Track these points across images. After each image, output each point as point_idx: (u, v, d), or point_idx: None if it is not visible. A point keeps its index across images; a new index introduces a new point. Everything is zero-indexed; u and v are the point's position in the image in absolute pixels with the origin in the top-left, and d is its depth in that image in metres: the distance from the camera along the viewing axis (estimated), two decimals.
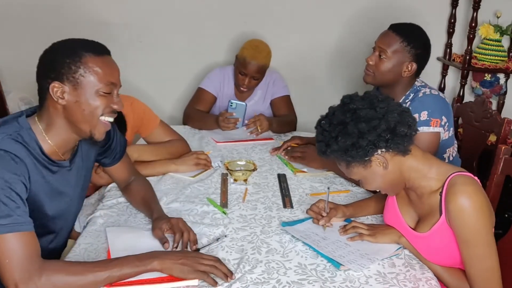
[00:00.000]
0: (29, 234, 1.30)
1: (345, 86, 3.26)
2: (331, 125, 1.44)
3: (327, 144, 1.45)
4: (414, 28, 2.05)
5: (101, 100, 1.41)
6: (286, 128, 2.71)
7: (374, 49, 2.05)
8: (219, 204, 1.84)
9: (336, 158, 1.49)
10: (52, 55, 1.44)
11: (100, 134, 1.46)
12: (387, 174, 1.47)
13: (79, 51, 1.40)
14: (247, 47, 2.66)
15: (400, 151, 1.44)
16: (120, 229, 1.63)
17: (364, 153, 1.42)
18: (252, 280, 1.38)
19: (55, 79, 1.39)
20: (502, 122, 2.15)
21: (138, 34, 3.11)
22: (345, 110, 1.44)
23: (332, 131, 1.43)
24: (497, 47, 3.04)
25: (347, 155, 1.43)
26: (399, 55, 1.99)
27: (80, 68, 1.38)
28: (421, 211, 1.54)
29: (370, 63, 2.03)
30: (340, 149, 1.42)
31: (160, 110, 3.24)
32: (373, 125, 1.40)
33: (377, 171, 1.46)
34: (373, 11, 3.10)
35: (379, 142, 1.41)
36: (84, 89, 1.39)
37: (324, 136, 1.46)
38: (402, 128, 1.42)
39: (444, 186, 1.44)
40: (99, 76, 1.40)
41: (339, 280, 1.40)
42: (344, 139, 1.41)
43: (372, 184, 1.52)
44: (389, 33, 2.02)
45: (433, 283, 1.42)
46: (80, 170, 1.59)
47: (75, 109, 1.40)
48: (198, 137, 2.57)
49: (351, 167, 1.48)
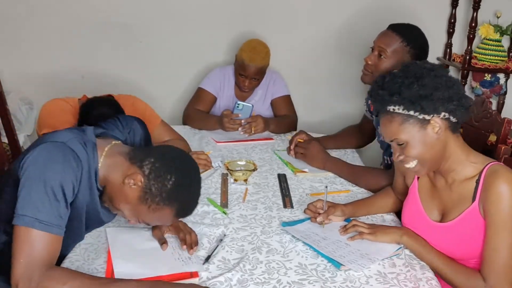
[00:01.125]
0: (57, 238, 1.29)
1: (345, 86, 3.26)
2: (405, 75, 1.44)
3: (395, 91, 1.43)
4: (413, 28, 2.06)
5: None
6: (286, 128, 2.70)
7: (372, 49, 2.05)
8: (219, 204, 1.84)
9: (390, 114, 1.45)
10: None
11: None
12: (435, 145, 1.46)
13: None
14: (245, 49, 2.66)
15: (455, 125, 1.46)
16: (120, 230, 1.63)
17: (434, 108, 1.41)
18: (252, 280, 1.38)
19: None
20: (502, 122, 2.15)
21: (138, 34, 3.11)
22: (422, 66, 1.46)
23: (406, 79, 1.43)
24: (497, 47, 3.04)
25: (416, 105, 1.41)
26: (398, 55, 1.99)
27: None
28: (448, 200, 1.53)
29: (369, 62, 2.03)
30: (411, 97, 1.41)
31: (160, 110, 3.23)
32: (449, 84, 1.42)
33: (429, 136, 1.45)
34: (373, 11, 3.10)
35: (448, 104, 1.42)
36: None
37: (394, 83, 1.44)
38: (467, 100, 1.45)
39: (482, 174, 1.45)
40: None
41: (340, 280, 1.40)
42: (418, 88, 1.41)
43: (416, 150, 1.46)
44: (388, 32, 2.02)
45: (433, 283, 1.41)
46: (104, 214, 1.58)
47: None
48: (198, 137, 2.57)
49: (406, 124, 1.44)
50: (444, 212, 1.55)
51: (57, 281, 1.24)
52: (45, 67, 3.05)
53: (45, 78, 3.07)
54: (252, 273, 1.42)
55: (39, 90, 3.06)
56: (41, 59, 3.05)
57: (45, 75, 3.07)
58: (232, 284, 1.37)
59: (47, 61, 3.03)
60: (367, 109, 2.37)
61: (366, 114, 2.41)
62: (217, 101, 2.82)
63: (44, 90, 2.97)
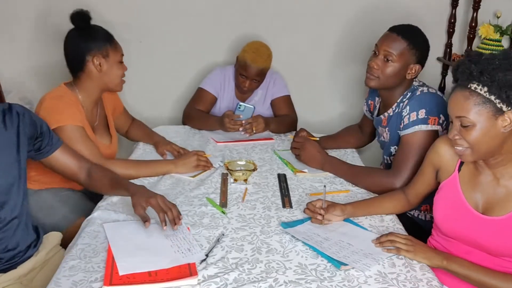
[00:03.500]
0: None
1: (345, 86, 3.26)
2: (504, 58, 1.40)
3: (486, 70, 1.39)
4: (417, 30, 2.04)
5: None
6: (286, 128, 2.71)
7: (376, 52, 2.01)
8: (219, 204, 1.84)
9: (468, 90, 1.42)
10: None
11: None
12: (497, 138, 1.43)
13: None
14: (247, 50, 2.65)
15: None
16: (117, 225, 1.64)
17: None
18: (249, 280, 1.38)
19: None
20: None
21: (138, 34, 3.11)
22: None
23: (503, 63, 1.39)
24: (497, 47, 3.03)
25: (501, 92, 1.38)
26: (405, 58, 1.97)
27: None
28: (494, 194, 1.51)
29: (375, 67, 1.99)
30: (501, 82, 1.37)
31: (160, 110, 3.25)
32: None
33: (495, 128, 1.42)
34: (373, 11, 3.09)
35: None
36: None
37: (491, 62, 1.40)
38: None
39: None
40: None
41: (338, 279, 1.40)
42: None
43: (476, 135, 1.43)
44: (393, 36, 1.98)
45: (434, 283, 1.41)
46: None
47: None
48: (198, 137, 2.57)
49: (481, 106, 1.41)
50: (489, 206, 1.52)
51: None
52: (45, 67, 3.05)
53: (45, 78, 3.06)
54: (250, 272, 1.42)
55: (39, 90, 3.06)
56: (41, 59, 3.05)
57: (45, 75, 3.07)
58: (228, 283, 1.36)
59: (48, 61, 3.03)
60: (367, 109, 2.37)
61: (366, 114, 2.40)
62: (217, 102, 2.82)
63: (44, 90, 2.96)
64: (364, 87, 2.23)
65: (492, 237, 1.49)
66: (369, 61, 2.03)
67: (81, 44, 2.01)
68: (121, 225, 1.64)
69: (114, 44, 2.08)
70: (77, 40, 2.02)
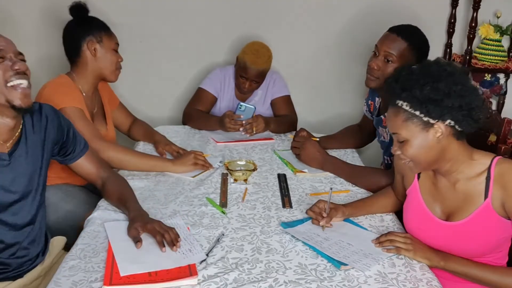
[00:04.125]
0: None
1: (345, 86, 3.26)
2: (422, 72, 1.43)
3: (406, 87, 1.42)
4: (416, 30, 2.04)
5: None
6: (286, 128, 2.70)
7: (376, 53, 2.01)
8: (219, 204, 1.84)
9: (397, 108, 1.45)
10: None
11: (21, 100, 1.45)
12: (433, 148, 1.45)
13: None
14: (247, 52, 2.65)
15: (460, 133, 1.44)
16: (118, 224, 1.64)
17: (439, 114, 1.40)
18: (249, 280, 1.38)
19: None
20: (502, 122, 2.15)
21: (138, 34, 3.11)
22: (443, 69, 1.43)
23: (421, 78, 1.41)
24: (497, 47, 3.03)
25: (422, 107, 1.40)
26: (405, 58, 1.96)
27: None
28: (452, 199, 1.52)
29: (375, 68, 1.99)
30: (421, 97, 1.40)
31: (160, 110, 3.25)
32: (463, 93, 1.39)
33: (429, 139, 1.44)
34: (373, 11, 3.09)
35: (456, 113, 1.40)
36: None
37: (409, 79, 1.43)
38: (479, 113, 1.42)
39: (491, 170, 1.45)
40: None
41: (338, 279, 1.40)
42: (430, 90, 1.39)
43: (413, 150, 1.46)
44: (393, 36, 1.98)
45: (433, 283, 1.41)
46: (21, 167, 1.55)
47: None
48: (198, 137, 2.57)
49: (409, 122, 1.44)
50: (450, 212, 1.54)
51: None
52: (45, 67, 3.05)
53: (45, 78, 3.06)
54: (250, 272, 1.42)
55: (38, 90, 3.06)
56: (41, 59, 3.05)
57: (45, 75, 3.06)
58: (228, 283, 1.36)
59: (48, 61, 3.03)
60: (367, 109, 2.37)
61: (366, 114, 2.40)
62: (217, 102, 2.82)
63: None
64: (364, 87, 2.23)
65: (457, 243, 1.51)
66: (369, 61, 2.03)
67: (77, 31, 2.15)
68: (121, 225, 1.63)
69: (108, 32, 2.20)
70: (74, 28, 2.17)
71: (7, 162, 1.50)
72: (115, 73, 2.21)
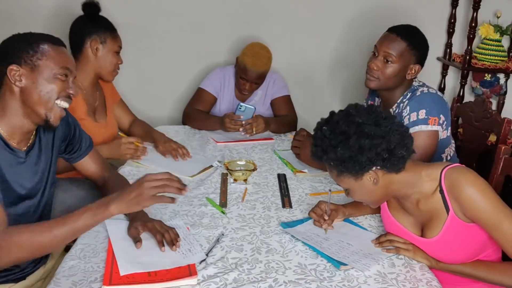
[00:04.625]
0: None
1: (344, 86, 3.26)
2: (332, 133, 1.43)
3: (324, 150, 1.45)
4: (416, 30, 2.04)
5: (57, 84, 1.48)
6: (286, 128, 2.71)
7: (376, 53, 2.00)
8: (218, 204, 1.84)
9: (328, 165, 1.49)
10: (11, 42, 1.50)
11: (55, 119, 1.51)
12: (376, 190, 1.47)
13: (37, 39, 1.49)
14: (247, 53, 2.65)
15: (394, 170, 1.45)
16: (119, 223, 1.64)
17: (360, 168, 1.42)
18: (249, 280, 1.38)
19: (13, 63, 1.44)
20: (502, 122, 2.15)
21: (138, 34, 3.11)
22: (350, 122, 1.43)
23: (332, 140, 1.43)
24: (497, 47, 3.04)
25: (342, 166, 1.43)
26: (404, 59, 1.96)
27: (37, 53, 1.45)
28: (422, 217, 1.53)
29: (375, 68, 1.98)
30: (337, 159, 1.42)
31: (160, 110, 3.25)
32: (374, 143, 1.40)
33: (367, 185, 1.47)
34: (373, 11, 3.10)
35: (376, 160, 1.41)
36: (41, 72, 1.46)
37: (323, 142, 1.45)
38: (401, 151, 1.42)
39: (442, 184, 1.45)
40: (55, 60, 1.47)
41: (337, 279, 1.40)
42: (343, 151, 1.41)
43: (358, 195, 1.52)
44: (392, 36, 1.97)
45: (433, 283, 1.41)
46: (37, 164, 1.58)
47: (32, 90, 1.46)
48: (198, 137, 2.57)
49: (342, 177, 1.48)
50: (423, 228, 1.54)
51: (18, 230, 1.34)
52: None
53: None
54: (250, 272, 1.42)
55: None
56: None
57: None
58: (227, 283, 1.36)
59: None
60: None
61: None
62: (217, 102, 2.82)
63: None
64: (364, 87, 2.23)
65: (439, 256, 1.52)
66: (369, 62, 2.02)
67: (84, 27, 2.21)
68: (122, 224, 1.63)
69: (113, 35, 2.26)
70: (82, 24, 2.23)
71: (23, 160, 1.53)
72: (112, 74, 2.28)
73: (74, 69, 1.54)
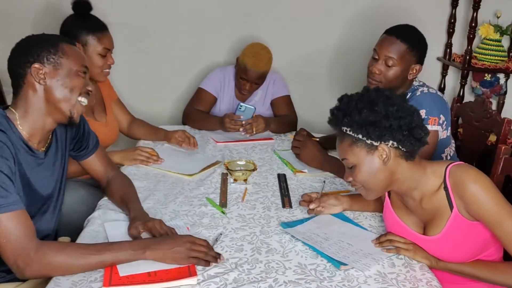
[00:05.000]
0: (21, 212, 1.36)
1: (345, 86, 3.25)
2: (360, 98, 1.45)
3: (347, 114, 1.44)
4: (413, 30, 2.03)
5: (79, 81, 1.53)
6: (286, 128, 2.71)
7: (376, 56, 1.99)
8: (218, 204, 1.84)
9: (342, 134, 1.48)
10: (28, 42, 1.53)
11: (77, 115, 1.55)
12: (382, 171, 1.46)
13: (55, 39, 1.53)
14: (248, 54, 2.65)
15: (407, 153, 1.45)
16: (118, 224, 1.64)
17: (379, 136, 1.41)
18: (249, 280, 1.38)
19: (36, 62, 1.47)
20: (502, 122, 2.15)
21: (138, 34, 3.11)
22: (379, 94, 1.45)
23: (359, 103, 1.44)
24: (497, 47, 3.04)
25: (363, 130, 1.42)
26: (406, 61, 1.96)
27: (58, 51, 1.49)
28: (425, 216, 1.53)
29: (377, 72, 1.98)
30: (360, 121, 1.42)
31: (160, 110, 3.25)
32: (400, 114, 1.41)
33: (376, 162, 1.45)
34: (373, 11, 3.10)
35: (396, 133, 1.41)
36: (64, 70, 1.50)
37: (348, 105, 1.45)
38: (420, 131, 1.43)
39: (447, 181, 1.45)
40: (75, 58, 1.52)
41: (337, 279, 1.40)
42: (368, 113, 1.41)
43: (363, 174, 1.48)
44: (391, 39, 1.96)
45: (433, 283, 1.41)
46: (54, 164, 1.62)
47: (57, 87, 1.50)
48: (198, 137, 2.56)
49: (354, 146, 1.45)
50: (425, 226, 1.54)
51: (54, 250, 1.35)
52: None
53: None
54: (250, 272, 1.42)
55: None
56: None
57: None
58: (227, 283, 1.36)
59: None
60: None
61: None
62: (217, 102, 2.82)
63: None
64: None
65: (440, 255, 1.52)
66: (370, 66, 2.01)
67: (67, 30, 2.15)
68: (121, 225, 1.63)
69: (97, 35, 2.15)
70: (67, 26, 2.18)
71: (42, 161, 1.56)
72: (100, 75, 2.20)
73: (88, 66, 1.58)
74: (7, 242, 1.32)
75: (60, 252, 1.35)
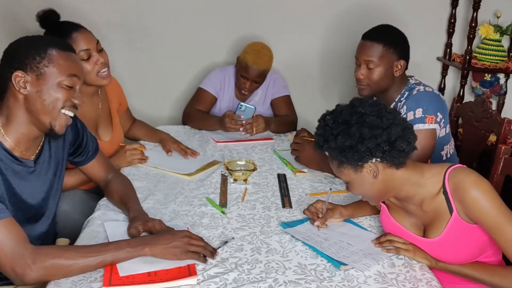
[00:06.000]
0: (9, 220, 1.32)
1: (344, 86, 3.26)
2: (335, 122, 1.45)
3: (325, 140, 1.46)
4: (386, 28, 2.09)
5: (62, 93, 1.44)
6: (286, 128, 2.71)
7: (357, 63, 2.06)
8: (218, 204, 1.84)
9: (329, 156, 1.50)
10: (17, 46, 1.46)
11: (60, 127, 1.47)
12: (375, 183, 1.47)
13: (45, 44, 1.44)
14: (248, 52, 2.65)
15: (394, 164, 1.45)
16: (118, 224, 1.64)
17: (359, 158, 1.42)
18: (249, 280, 1.38)
19: (18, 69, 1.40)
20: (502, 122, 2.15)
21: (138, 34, 3.11)
22: (353, 112, 1.44)
23: (334, 129, 1.44)
24: (497, 47, 3.04)
25: (342, 155, 1.43)
26: (386, 59, 2.01)
27: (44, 59, 1.41)
28: (425, 219, 1.53)
29: (362, 77, 2.04)
30: (337, 147, 1.43)
31: (160, 110, 3.25)
32: (375, 133, 1.40)
33: (366, 178, 1.47)
34: (373, 11, 3.09)
35: (376, 151, 1.41)
36: (46, 80, 1.41)
37: (325, 131, 1.46)
38: (402, 144, 1.42)
39: (446, 185, 1.45)
40: (62, 68, 1.43)
41: (337, 279, 1.40)
42: (343, 139, 1.41)
43: (358, 189, 1.52)
44: (366, 43, 2.03)
45: (433, 283, 1.41)
46: (47, 172, 1.57)
47: (36, 99, 1.42)
48: (198, 137, 2.57)
49: (342, 168, 1.48)
50: (425, 229, 1.54)
51: (52, 254, 1.33)
52: None
53: None
54: (250, 272, 1.42)
55: None
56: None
57: None
58: (227, 283, 1.36)
59: None
60: None
61: None
62: (217, 102, 2.82)
63: None
64: None
65: (440, 257, 1.52)
66: (355, 73, 2.08)
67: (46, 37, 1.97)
68: (121, 225, 1.63)
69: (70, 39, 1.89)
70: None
71: (32, 169, 1.52)
72: (97, 79, 2.00)
73: (82, 75, 1.50)
74: (0, 251, 1.29)
75: (58, 255, 1.33)
